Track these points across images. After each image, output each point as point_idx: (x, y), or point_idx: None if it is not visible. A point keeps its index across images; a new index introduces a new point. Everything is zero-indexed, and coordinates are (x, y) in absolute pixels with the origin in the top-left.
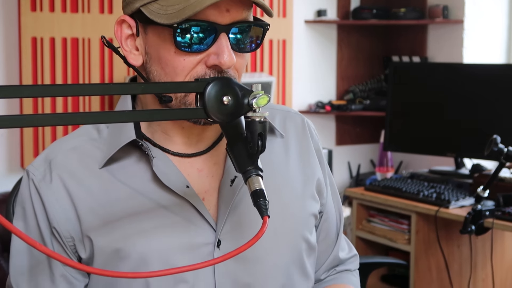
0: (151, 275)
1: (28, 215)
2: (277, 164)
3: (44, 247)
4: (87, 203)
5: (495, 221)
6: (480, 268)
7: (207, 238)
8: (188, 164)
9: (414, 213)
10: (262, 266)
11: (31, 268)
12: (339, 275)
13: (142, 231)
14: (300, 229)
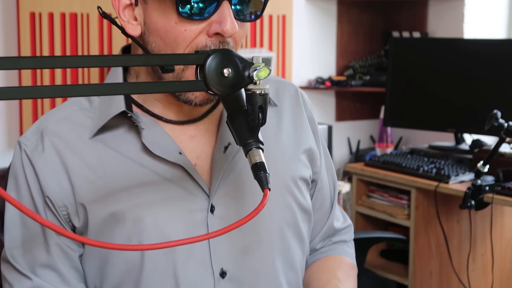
0: (145, 248)
1: (20, 185)
2: (270, 132)
3: (39, 217)
4: (80, 171)
5: (494, 196)
6: (479, 243)
7: (201, 204)
8: (180, 131)
9: (413, 188)
10: (257, 230)
11: (26, 240)
12: (335, 246)
13: (136, 200)
14: (292, 192)
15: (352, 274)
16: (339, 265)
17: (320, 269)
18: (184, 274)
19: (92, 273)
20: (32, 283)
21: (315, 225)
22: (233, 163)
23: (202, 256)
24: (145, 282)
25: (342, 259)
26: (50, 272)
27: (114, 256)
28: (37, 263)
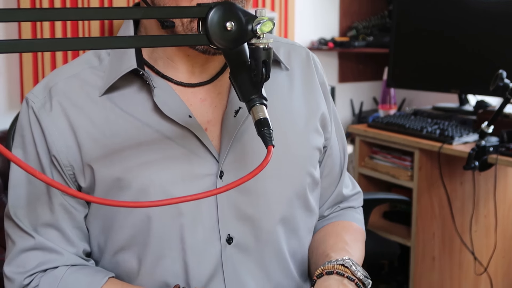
0: (152, 204)
1: (27, 143)
2: (282, 97)
3: (44, 176)
4: (88, 131)
5: (498, 157)
6: (482, 204)
7: (210, 169)
8: (191, 94)
9: (417, 149)
10: (265, 198)
11: (30, 199)
12: (343, 212)
13: (143, 162)
14: (304, 162)
15: (360, 239)
16: (347, 230)
17: (328, 234)
18: (191, 239)
19: (96, 234)
20: (35, 241)
21: (324, 191)
22: (243, 128)
23: (209, 221)
24: (151, 246)
25: (350, 224)
26: (53, 231)
27: (121, 219)
28: (40, 222)
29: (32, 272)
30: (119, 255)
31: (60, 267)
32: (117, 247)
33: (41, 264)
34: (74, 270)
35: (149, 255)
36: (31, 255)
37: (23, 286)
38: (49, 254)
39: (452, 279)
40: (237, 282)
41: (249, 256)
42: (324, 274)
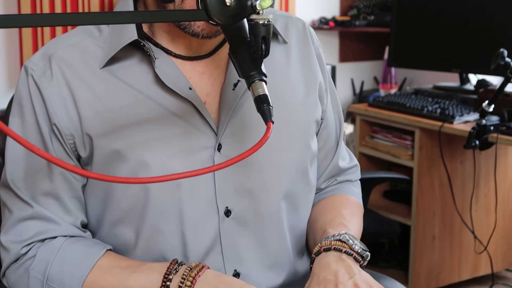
0: (152, 180)
1: (26, 112)
2: (279, 70)
3: (43, 152)
4: (88, 101)
5: (499, 136)
6: (482, 184)
7: (208, 141)
8: (189, 67)
9: (417, 128)
10: (264, 172)
11: (29, 168)
12: (340, 185)
13: (143, 134)
14: (303, 135)
15: (358, 212)
16: (345, 204)
17: (325, 208)
18: (189, 211)
19: (94, 205)
20: (33, 210)
21: (320, 164)
22: (242, 101)
23: (207, 194)
24: (148, 218)
25: (348, 198)
26: (51, 201)
27: (119, 191)
28: (39, 191)
29: (30, 241)
30: (117, 228)
31: (58, 238)
32: (115, 219)
33: (39, 233)
34: (72, 241)
35: (147, 227)
36: (28, 225)
37: (20, 255)
38: (47, 224)
39: (452, 258)
40: (235, 255)
41: (247, 230)
42: (322, 251)
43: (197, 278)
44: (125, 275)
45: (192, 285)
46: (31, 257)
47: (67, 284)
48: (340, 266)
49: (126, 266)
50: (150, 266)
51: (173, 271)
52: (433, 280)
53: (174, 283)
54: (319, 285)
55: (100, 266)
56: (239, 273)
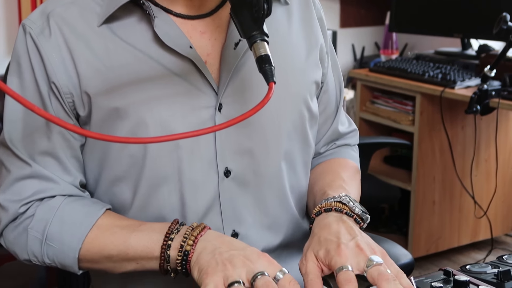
0: (152, 140)
1: (24, 70)
2: (281, 31)
3: (42, 111)
4: (87, 59)
5: (500, 101)
6: (483, 149)
7: (209, 101)
8: (190, 26)
9: (418, 94)
10: (264, 132)
11: (27, 127)
12: (339, 149)
13: (142, 93)
14: (303, 96)
15: (356, 177)
16: (343, 167)
17: (324, 171)
18: (188, 171)
19: (92, 164)
20: (31, 169)
21: (320, 128)
22: (243, 61)
23: (207, 154)
24: (146, 177)
25: (346, 162)
26: (50, 160)
27: (117, 150)
28: (38, 150)
29: (28, 200)
30: (114, 187)
31: (57, 197)
32: (113, 178)
33: (37, 192)
34: (71, 200)
35: (145, 187)
36: (27, 183)
37: (18, 214)
38: (45, 183)
39: (452, 223)
40: (234, 215)
41: (247, 190)
42: (322, 211)
43: (199, 237)
44: (125, 235)
45: (194, 244)
46: (29, 216)
47: (66, 243)
48: (341, 227)
49: (126, 225)
50: (151, 225)
51: (174, 230)
52: (433, 245)
53: (175, 242)
54: (320, 245)
55: (100, 225)
56: (237, 233)
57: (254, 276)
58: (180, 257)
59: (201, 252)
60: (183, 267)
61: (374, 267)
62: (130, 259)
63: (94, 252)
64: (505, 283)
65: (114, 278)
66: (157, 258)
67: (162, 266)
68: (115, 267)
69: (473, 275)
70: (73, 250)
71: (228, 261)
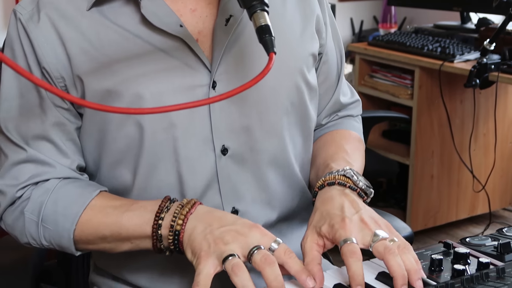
0: (145, 111)
1: (17, 55)
2: (274, 4)
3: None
4: (77, 43)
5: (499, 75)
6: (482, 122)
7: (202, 79)
8: (181, 4)
9: (417, 67)
10: (260, 108)
11: (22, 112)
12: (341, 120)
13: (134, 74)
14: (300, 69)
15: (360, 147)
16: (346, 139)
17: (327, 143)
18: (184, 150)
19: (90, 148)
20: (27, 154)
21: (321, 99)
22: (235, 37)
23: (203, 132)
24: (144, 158)
25: (349, 133)
26: (45, 143)
27: (113, 131)
28: (32, 134)
29: (25, 184)
30: (114, 169)
31: (51, 180)
32: (112, 161)
33: (33, 176)
34: (66, 182)
35: (143, 167)
36: (23, 168)
37: (16, 198)
38: (41, 167)
39: (450, 197)
40: (233, 193)
41: (245, 167)
42: (325, 185)
43: (188, 216)
44: (117, 215)
45: (184, 223)
46: (25, 199)
47: (60, 224)
48: (344, 200)
49: (118, 205)
50: (143, 204)
51: (164, 209)
52: (431, 219)
53: (166, 221)
54: (323, 219)
55: (93, 206)
56: (237, 210)
57: (251, 251)
58: (172, 237)
59: (192, 232)
60: (175, 246)
61: (380, 242)
62: (124, 239)
63: (88, 233)
64: (505, 255)
65: (112, 254)
66: (150, 238)
67: (155, 245)
68: (111, 248)
69: (473, 247)
70: (67, 231)
71: (220, 239)
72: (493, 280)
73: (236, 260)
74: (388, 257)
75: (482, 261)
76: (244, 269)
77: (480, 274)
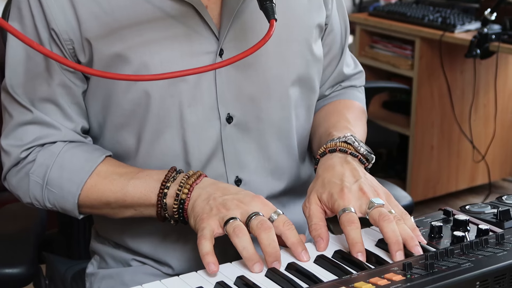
0: (153, 78)
1: (24, 15)
2: None
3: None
4: (88, 6)
5: (500, 45)
6: (482, 93)
7: (210, 46)
8: None
9: (418, 38)
10: (266, 77)
11: (28, 74)
12: (344, 90)
13: (143, 38)
14: (306, 40)
15: (362, 118)
16: (349, 108)
17: (329, 112)
18: (190, 117)
19: (95, 111)
20: (32, 115)
21: (325, 70)
22: (244, 5)
23: (208, 100)
24: (149, 123)
25: (352, 103)
26: (51, 106)
27: (119, 96)
28: (38, 96)
29: (30, 146)
30: (118, 134)
31: (57, 143)
32: (116, 125)
33: (38, 138)
34: (72, 146)
35: (148, 133)
36: (28, 129)
37: (20, 159)
38: (46, 129)
39: (450, 167)
40: (236, 161)
41: (249, 136)
42: (327, 152)
43: (194, 186)
44: (123, 182)
45: (189, 192)
46: (31, 161)
47: (66, 189)
48: (345, 169)
49: (124, 172)
50: (148, 173)
51: (170, 178)
52: (431, 190)
53: (171, 190)
54: (323, 187)
55: (99, 172)
56: (241, 180)
57: (249, 216)
58: (177, 205)
59: (196, 199)
60: (180, 215)
61: (375, 209)
62: (128, 205)
63: (93, 198)
64: (504, 223)
65: (115, 220)
66: (154, 206)
67: (159, 213)
68: (114, 213)
69: (473, 215)
70: (72, 196)
71: (222, 205)
72: (492, 246)
73: (238, 222)
74: (382, 224)
75: (482, 227)
76: (245, 231)
77: (479, 240)
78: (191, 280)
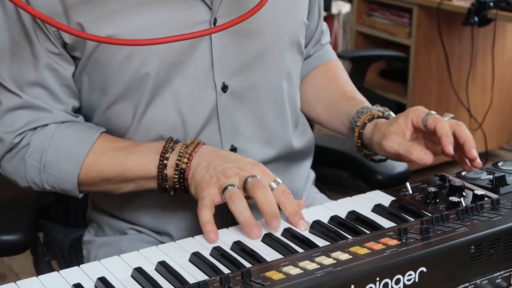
0: (148, 42)
1: (6, 2)
2: None
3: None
4: None
5: (499, 12)
6: (480, 62)
7: (203, 16)
8: None
9: (416, 5)
10: (262, 46)
11: (14, 59)
12: (325, 50)
13: (132, 9)
14: (300, 9)
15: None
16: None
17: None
18: (184, 87)
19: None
20: (21, 100)
21: (307, 30)
22: None
23: (203, 70)
24: (144, 95)
25: (337, 63)
26: (39, 90)
27: (113, 73)
28: (26, 81)
29: (22, 130)
30: (112, 109)
31: (50, 125)
32: (111, 101)
33: (30, 122)
34: (65, 126)
35: (143, 105)
36: (19, 114)
37: (14, 145)
38: (37, 112)
39: None
40: (232, 130)
41: (244, 104)
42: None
43: (193, 154)
44: (122, 157)
45: (189, 161)
46: (25, 146)
47: (64, 170)
48: None
49: (122, 147)
50: (146, 146)
51: (169, 149)
52: None
53: (171, 161)
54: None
55: (96, 149)
56: (236, 148)
57: (245, 179)
58: (177, 175)
59: (196, 168)
60: (181, 185)
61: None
62: (128, 180)
63: (92, 176)
64: (500, 188)
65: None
66: (155, 178)
67: (160, 185)
68: (115, 189)
69: (468, 181)
70: (71, 176)
71: (222, 173)
72: (487, 211)
73: (235, 189)
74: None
75: (477, 193)
76: (241, 198)
77: (475, 205)
78: (188, 246)
